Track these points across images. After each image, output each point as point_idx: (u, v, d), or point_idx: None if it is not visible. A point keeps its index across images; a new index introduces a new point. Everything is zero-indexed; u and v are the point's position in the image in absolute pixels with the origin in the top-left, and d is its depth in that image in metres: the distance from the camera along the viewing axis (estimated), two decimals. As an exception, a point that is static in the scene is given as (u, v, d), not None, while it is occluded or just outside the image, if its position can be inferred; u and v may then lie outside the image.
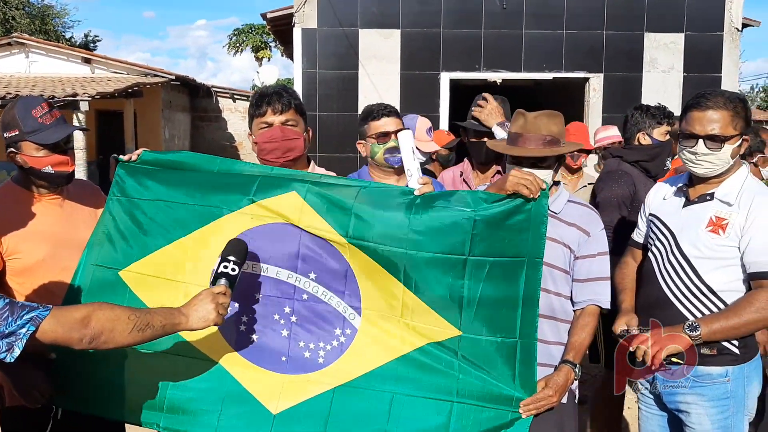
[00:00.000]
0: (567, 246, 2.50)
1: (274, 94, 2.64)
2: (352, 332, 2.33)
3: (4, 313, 1.72)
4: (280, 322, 2.36)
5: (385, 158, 2.97)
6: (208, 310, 2.07)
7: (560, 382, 2.37)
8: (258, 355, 2.36)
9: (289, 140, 2.62)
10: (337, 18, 10.19)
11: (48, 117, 2.48)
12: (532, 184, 2.22)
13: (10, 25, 25.69)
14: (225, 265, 2.17)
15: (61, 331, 1.79)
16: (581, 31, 10.23)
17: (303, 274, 2.34)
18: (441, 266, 2.26)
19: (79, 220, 2.61)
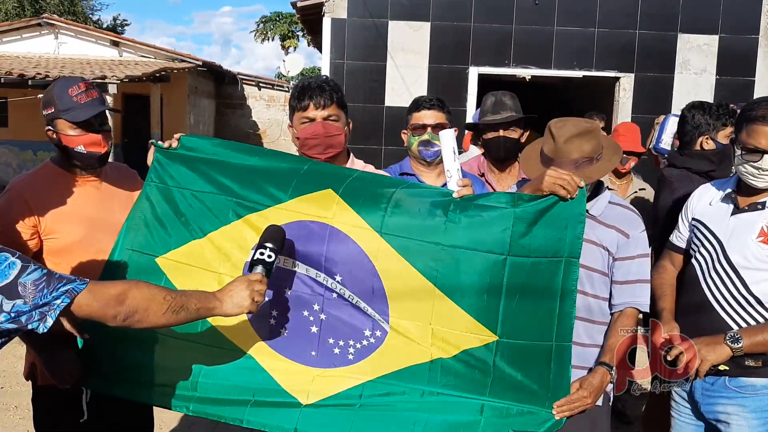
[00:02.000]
0: (605, 248, 2.46)
1: (316, 88, 2.57)
2: (382, 334, 2.29)
3: (40, 284, 1.70)
4: (310, 318, 2.34)
5: (418, 150, 2.97)
6: (243, 296, 2.04)
7: (595, 383, 2.33)
8: (288, 348, 2.34)
9: (330, 137, 2.57)
10: (367, 9, 10.16)
11: (83, 96, 2.48)
12: (570, 184, 2.18)
13: (39, 6, 25.91)
14: (261, 252, 2.14)
15: (97, 306, 1.78)
16: (613, 29, 10.12)
17: (329, 276, 2.30)
18: (479, 265, 2.21)
19: (116, 203, 2.61)
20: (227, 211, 2.39)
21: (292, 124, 2.68)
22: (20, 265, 1.69)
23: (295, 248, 2.31)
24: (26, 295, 1.68)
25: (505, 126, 3.28)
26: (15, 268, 1.68)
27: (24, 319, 1.69)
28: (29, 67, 12.63)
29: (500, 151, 3.33)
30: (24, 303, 1.68)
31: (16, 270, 1.68)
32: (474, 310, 2.22)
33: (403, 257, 2.24)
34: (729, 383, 2.45)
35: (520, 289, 2.20)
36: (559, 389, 2.25)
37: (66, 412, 2.52)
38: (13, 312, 1.68)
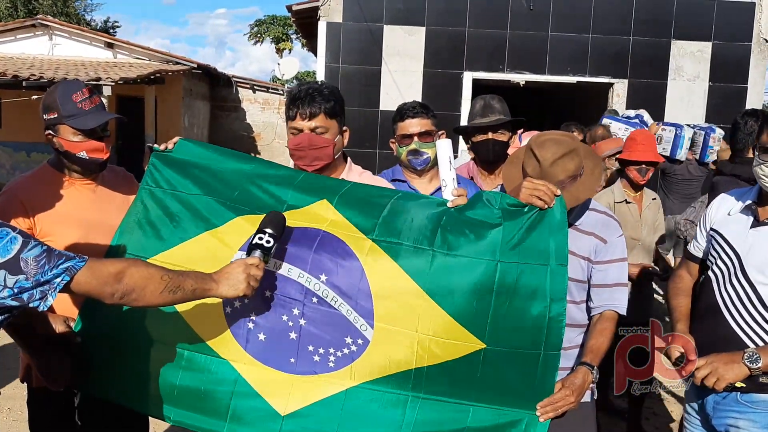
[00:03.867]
0: (584, 257, 2.49)
1: (306, 98, 2.53)
2: (363, 343, 2.25)
3: (41, 260, 1.70)
4: (289, 324, 2.28)
5: (408, 160, 2.98)
6: (239, 279, 2.03)
7: (577, 383, 2.34)
8: (266, 355, 2.30)
9: (317, 149, 2.54)
10: (363, 13, 10.19)
11: (87, 102, 2.49)
12: (545, 194, 2.20)
13: (33, 6, 25.85)
14: (260, 237, 2.12)
15: (95, 283, 1.79)
16: (607, 35, 10.18)
17: (314, 275, 2.26)
18: (467, 272, 2.20)
19: (112, 207, 2.61)
20: (221, 213, 2.38)
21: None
22: (21, 240, 1.69)
23: (282, 247, 2.27)
24: (28, 271, 1.68)
25: (494, 129, 3.30)
26: (17, 243, 1.68)
27: (26, 296, 1.69)
28: (23, 68, 12.60)
29: (489, 153, 3.34)
30: (26, 279, 1.68)
31: (18, 245, 1.68)
32: (462, 318, 2.20)
33: (393, 259, 2.22)
34: (740, 398, 2.42)
35: (509, 296, 2.20)
36: (543, 391, 2.26)
37: (60, 415, 2.52)
38: (16, 288, 1.68)
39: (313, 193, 2.36)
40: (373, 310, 2.23)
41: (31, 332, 2.30)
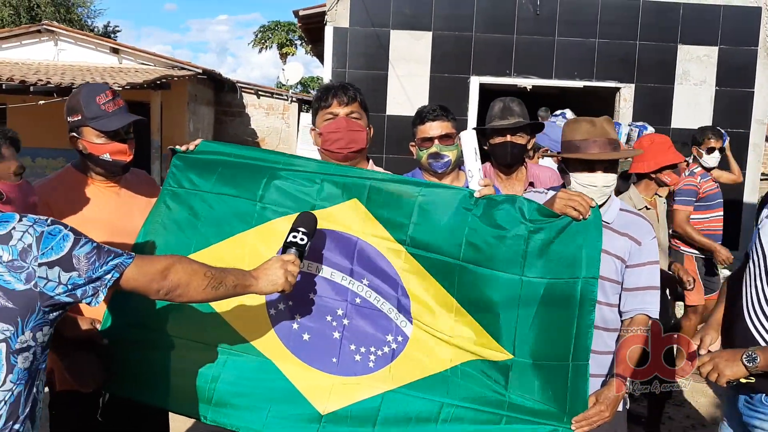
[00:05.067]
0: (619, 257, 2.48)
1: (340, 87, 2.70)
2: (403, 339, 2.31)
3: (92, 257, 1.75)
4: (333, 323, 2.34)
5: (429, 163, 2.97)
6: (278, 275, 2.08)
7: (611, 396, 2.34)
8: (309, 355, 2.35)
9: (353, 131, 2.66)
10: (369, 18, 10.19)
11: (111, 105, 2.49)
12: (581, 204, 2.21)
13: (35, 13, 25.90)
14: (294, 235, 2.18)
15: (142, 280, 1.84)
16: (614, 40, 10.17)
17: (357, 279, 2.34)
18: (495, 285, 2.23)
19: (135, 209, 2.61)
20: (251, 214, 2.40)
21: (314, 126, 2.72)
22: (73, 237, 1.75)
23: (322, 253, 2.33)
24: (80, 268, 1.73)
25: (513, 131, 3.30)
26: (69, 241, 1.73)
27: (79, 293, 1.75)
28: (29, 73, 12.62)
29: (507, 156, 3.34)
30: (79, 276, 1.73)
31: (70, 242, 1.73)
32: (491, 328, 2.24)
33: (427, 271, 2.29)
34: (765, 400, 2.41)
35: (535, 309, 2.21)
36: (576, 404, 2.26)
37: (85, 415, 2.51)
38: (70, 284, 1.73)
39: (342, 191, 2.38)
40: (411, 313, 2.30)
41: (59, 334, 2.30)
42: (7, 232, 1.69)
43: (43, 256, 1.69)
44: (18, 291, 1.68)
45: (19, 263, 1.68)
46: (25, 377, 1.74)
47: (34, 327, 1.72)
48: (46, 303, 1.72)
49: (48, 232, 1.72)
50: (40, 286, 1.69)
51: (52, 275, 1.70)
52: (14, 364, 1.70)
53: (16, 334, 1.69)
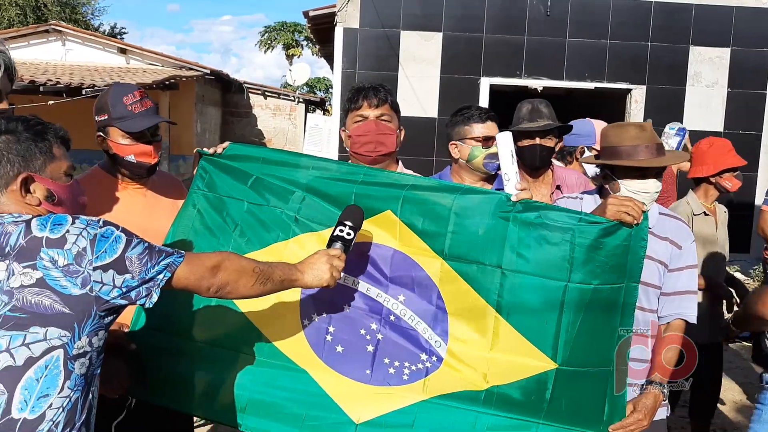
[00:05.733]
0: (660, 262, 2.44)
1: (371, 89, 2.66)
2: (438, 360, 2.26)
3: (144, 258, 1.73)
4: (366, 337, 2.30)
5: (484, 163, 2.86)
6: (324, 269, 2.06)
7: (649, 404, 2.31)
8: (343, 365, 2.31)
9: (382, 134, 2.63)
10: (380, 19, 10.16)
11: (138, 105, 2.46)
12: (634, 209, 2.16)
13: (42, 13, 25.92)
14: (341, 229, 2.15)
15: (193, 278, 1.82)
16: (625, 41, 10.14)
17: (393, 296, 2.30)
18: (539, 291, 2.18)
19: (161, 212, 2.58)
20: (287, 225, 2.36)
21: (345, 127, 2.68)
22: (125, 238, 1.72)
23: (359, 266, 2.28)
24: (133, 270, 1.71)
25: (542, 134, 3.25)
26: (121, 242, 1.71)
27: (133, 294, 1.72)
28: (38, 73, 12.60)
29: (536, 159, 3.28)
30: (132, 278, 1.71)
31: (123, 244, 1.71)
32: (534, 337, 2.19)
33: (465, 281, 2.23)
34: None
35: (580, 316, 2.17)
36: (615, 412, 2.23)
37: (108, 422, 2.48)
38: (124, 287, 1.70)
39: (376, 202, 2.32)
40: (448, 328, 2.25)
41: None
42: (61, 236, 1.65)
43: (98, 259, 1.66)
44: (74, 296, 1.64)
45: (75, 267, 1.64)
46: (81, 383, 1.71)
47: (90, 332, 1.69)
48: (102, 307, 1.69)
49: (101, 234, 1.68)
50: (96, 290, 1.66)
51: (106, 278, 1.67)
52: (71, 370, 1.67)
53: (73, 339, 1.66)
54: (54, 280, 1.63)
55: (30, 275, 1.62)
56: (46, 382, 1.63)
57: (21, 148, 1.75)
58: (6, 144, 1.75)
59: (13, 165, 1.74)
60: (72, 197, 1.87)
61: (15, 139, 1.75)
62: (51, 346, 1.63)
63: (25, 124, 1.78)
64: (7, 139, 1.75)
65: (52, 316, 1.63)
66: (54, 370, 1.64)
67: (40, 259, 1.63)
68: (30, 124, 1.79)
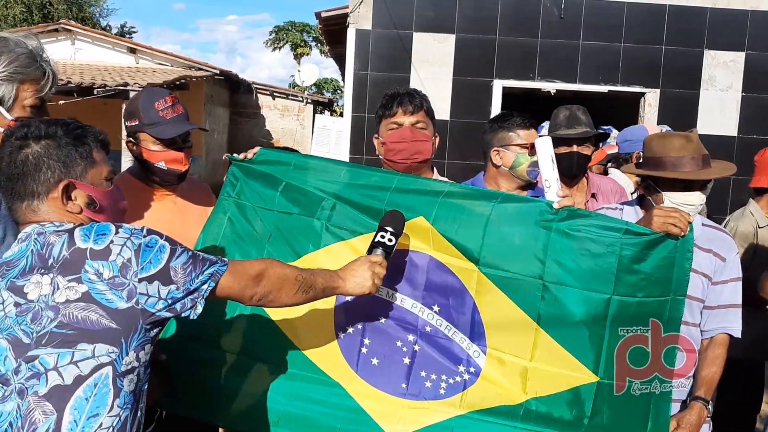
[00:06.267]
0: (704, 275, 2.40)
1: (405, 95, 2.61)
2: (476, 371, 2.21)
3: (188, 267, 1.68)
4: (403, 349, 2.25)
5: (528, 171, 2.80)
6: (365, 277, 2.01)
7: (693, 421, 2.27)
8: (378, 379, 2.26)
9: (418, 141, 2.56)
10: (392, 20, 10.10)
11: (169, 111, 2.43)
12: (681, 221, 2.11)
13: (47, 11, 25.94)
14: (382, 235, 2.10)
15: (237, 287, 1.77)
16: (639, 44, 10.05)
17: (427, 306, 2.25)
18: (582, 304, 2.12)
19: (191, 218, 2.54)
20: (319, 235, 2.32)
21: (378, 134, 2.63)
22: (169, 248, 1.67)
23: (392, 275, 2.23)
24: (178, 281, 1.65)
25: (579, 141, 3.20)
26: (166, 252, 1.65)
27: (178, 306, 1.67)
28: (48, 73, 12.60)
29: (573, 167, 3.23)
30: (177, 289, 1.65)
31: (167, 253, 1.65)
32: (575, 349, 2.14)
33: (503, 292, 2.17)
34: None
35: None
36: (657, 428, 2.18)
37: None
38: (169, 298, 1.65)
39: (409, 207, 2.26)
40: (485, 338, 2.20)
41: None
42: (105, 247, 1.59)
43: (143, 270, 1.61)
44: (120, 309, 1.59)
45: (120, 280, 1.59)
46: (130, 401, 1.66)
47: (137, 347, 1.64)
48: (148, 320, 1.64)
49: (145, 244, 1.63)
50: (142, 303, 1.61)
51: (152, 290, 1.62)
52: (120, 388, 1.62)
53: (120, 355, 1.60)
54: (100, 293, 1.57)
55: (75, 289, 1.57)
56: (96, 401, 1.58)
57: (61, 154, 1.69)
58: (46, 149, 1.68)
59: (53, 171, 1.68)
60: (113, 203, 1.82)
61: (55, 144, 1.69)
62: (99, 363, 1.58)
63: (65, 128, 1.72)
64: (47, 144, 1.69)
65: (100, 332, 1.57)
66: (103, 389, 1.59)
67: (84, 272, 1.57)
68: (70, 128, 1.73)
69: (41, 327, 1.56)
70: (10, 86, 1.94)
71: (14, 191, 1.69)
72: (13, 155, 1.67)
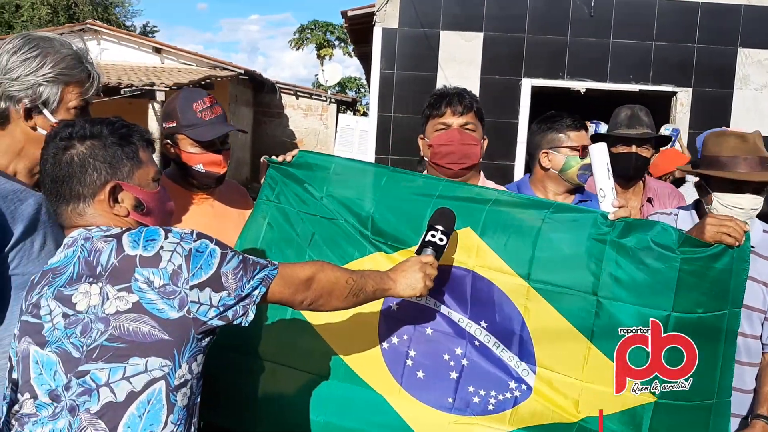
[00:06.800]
0: (765, 284, 2.27)
1: (455, 95, 2.46)
2: (527, 389, 2.10)
3: (239, 272, 1.58)
4: (450, 363, 2.15)
5: (578, 174, 2.68)
6: (417, 279, 1.91)
7: None
8: (423, 392, 2.16)
9: (466, 145, 2.43)
10: (419, 18, 10.00)
11: (208, 112, 2.35)
12: (736, 230, 1.98)
13: (73, 12, 26.16)
14: (433, 234, 1.99)
15: (287, 292, 1.69)
16: (671, 43, 9.86)
17: (474, 321, 2.14)
18: (639, 321, 2.01)
19: (229, 223, 2.46)
20: (360, 242, 2.23)
21: (424, 135, 2.52)
22: (220, 252, 1.57)
23: (438, 287, 2.12)
24: (229, 287, 1.56)
25: (639, 142, 3.07)
26: (216, 257, 1.56)
27: (230, 314, 1.58)
28: (75, 72, 12.66)
29: (630, 168, 3.11)
30: (228, 295, 1.56)
31: (218, 258, 1.56)
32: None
33: (554, 308, 2.06)
34: None
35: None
36: None
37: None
38: (221, 305, 1.55)
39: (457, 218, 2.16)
40: (534, 356, 2.09)
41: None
42: (155, 253, 1.50)
43: (194, 277, 1.51)
44: (172, 320, 1.50)
45: (171, 288, 1.49)
46: (184, 416, 1.57)
47: (189, 358, 1.54)
48: (200, 329, 1.54)
49: (196, 249, 1.54)
50: (193, 312, 1.52)
51: (203, 298, 1.53)
52: (174, 403, 1.53)
53: (174, 369, 1.51)
54: (151, 303, 1.48)
55: (125, 299, 1.48)
56: (150, 419, 1.49)
57: (107, 154, 1.61)
58: (91, 150, 1.60)
59: (99, 173, 1.60)
60: (160, 205, 1.73)
61: (101, 145, 1.61)
62: (152, 378, 1.49)
63: (110, 127, 1.64)
64: (92, 145, 1.60)
65: (152, 344, 1.48)
66: (157, 405, 1.50)
67: (134, 280, 1.48)
68: (115, 126, 1.65)
69: (91, 340, 1.47)
70: (55, 88, 1.87)
71: (59, 194, 1.61)
72: (57, 156, 1.59)
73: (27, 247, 1.78)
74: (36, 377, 1.51)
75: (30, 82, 1.83)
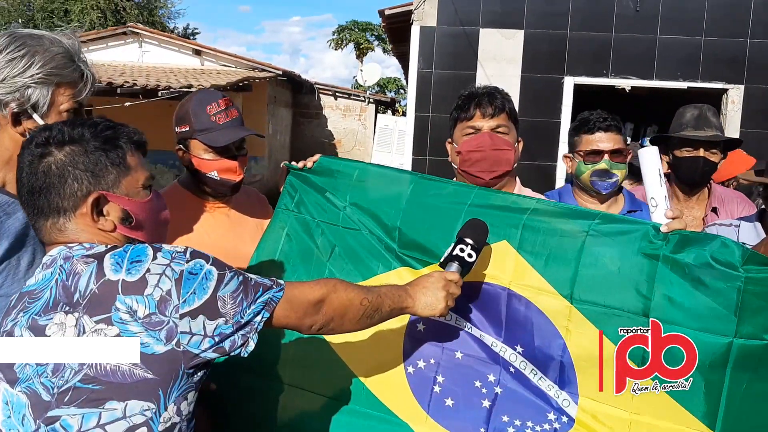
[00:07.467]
0: None
1: (485, 95, 2.25)
2: (568, 421, 1.88)
3: (238, 296, 1.39)
4: (482, 390, 1.95)
5: (591, 181, 2.50)
6: (438, 297, 1.72)
7: None
8: (452, 421, 1.96)
9: (498, 150, 2.21)
10: (458, 16, 9.79)
11: (222, 116, 2.18)
12: None
13: (121, 16, 26.55)
14: (461, 248, 1.80)
15: (294, 317, 1.51)
16: (722, 38, 9.46)
17: (509, 345, 1.94)
18: (697, 348, 1.78)
19: (246, 233, 2.31)
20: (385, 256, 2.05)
21: (452, 139, 2.31)
22: (216, 273, 1.38)
23: (469, 307, 1.93)
24: (227, 313, 1.37)
25: (707, 146, 2.83)
26: (212, 279, 1.37)
27: (227, 344, 1.39)
28: (115, 75, 12.74)
29: (696, 173, 2.87)
30: (225, 323, 1.37)
31: (214, 280, 1.37)
32: (687, 401, 1.79)
33: (598, 328, 1.84)
34: None
35: (748, 377, 1.77)
36: None
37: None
38: (216, 335, 1.36)
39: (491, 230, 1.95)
40: (577, 384, 1.87)
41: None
42: (140, 277, 1.31)
43: (185, 303, 1.33)
44: (158, 354, 1.30)
45: (158, 317, 1.30)
46: None
47: (177, 397, 1.35)
48: (190, 363, 1.35)
49: (188, 271, 1.35)
50: (183, 344, 1.32)
51: (195, 327, 1.34)
52: None
53: (158, 412, 1.32)
54: (133, 337, 1.30)
55: (104, 332, 1.29)
56: None
57: (89, 161, 1.42)
58: (71, 157, 1.41)
59: (81, 183, 1.41)
60: (153, 215, 1.54)
61: (82, 150, 1.42)
62: (132, 425, 1.30)
63: (93, 129, 1.45)
64: (72, 151, 1.41)
65: (133, 386, 1.29)
66: None
67: (115, 310, 1.29)
68: (98, 129, 1.46)
69: (63, 381, 1.30)
70: (45, 90, 1.71)
71: (37, 207, 1.43)
72: (33, 165, 1.41)
73: (12, 265, 1.64)
74: (4, 420, 1.34)
75: (17, 84, 1.67)
